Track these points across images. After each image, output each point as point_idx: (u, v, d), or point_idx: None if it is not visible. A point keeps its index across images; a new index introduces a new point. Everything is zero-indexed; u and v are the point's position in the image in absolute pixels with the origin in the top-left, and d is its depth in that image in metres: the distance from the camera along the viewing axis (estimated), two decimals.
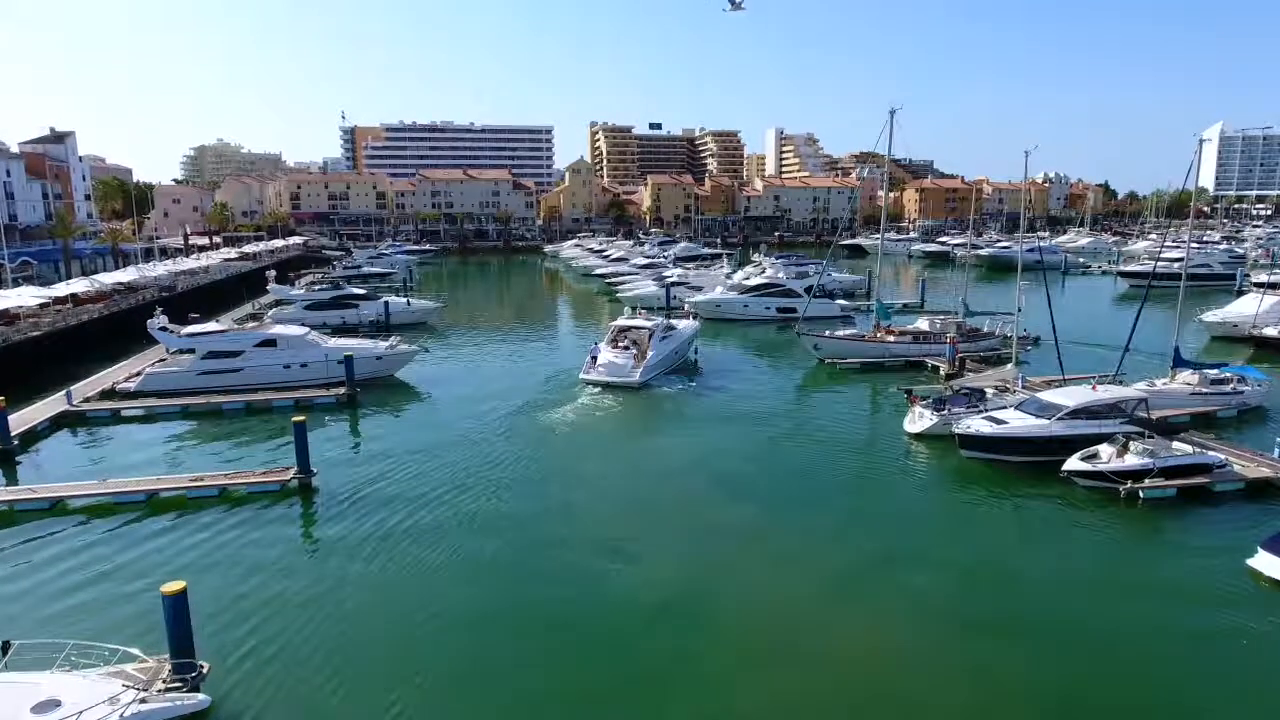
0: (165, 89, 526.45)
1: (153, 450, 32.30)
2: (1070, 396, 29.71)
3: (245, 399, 38.15)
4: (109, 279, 64.65)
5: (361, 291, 66.50)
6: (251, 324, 48.92)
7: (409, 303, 65.60)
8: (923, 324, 50.61)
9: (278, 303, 64.68)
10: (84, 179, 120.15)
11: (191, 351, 41.33)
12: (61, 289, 57.17)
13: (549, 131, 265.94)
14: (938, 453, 30.49)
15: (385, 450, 31.42)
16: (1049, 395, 30.43)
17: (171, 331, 41.70)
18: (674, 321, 49.10)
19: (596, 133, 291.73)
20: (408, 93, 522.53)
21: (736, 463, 30.23)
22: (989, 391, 34.32)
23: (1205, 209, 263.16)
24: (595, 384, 41.09)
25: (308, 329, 44.62)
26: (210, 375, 40.62)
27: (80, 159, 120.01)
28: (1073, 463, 26.47)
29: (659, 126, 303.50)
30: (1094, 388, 30.79)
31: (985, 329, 50.19)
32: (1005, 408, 31.63)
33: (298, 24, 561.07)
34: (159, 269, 74.12)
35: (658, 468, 29.77)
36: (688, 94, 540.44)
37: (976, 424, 29.35)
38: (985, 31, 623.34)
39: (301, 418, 27.25)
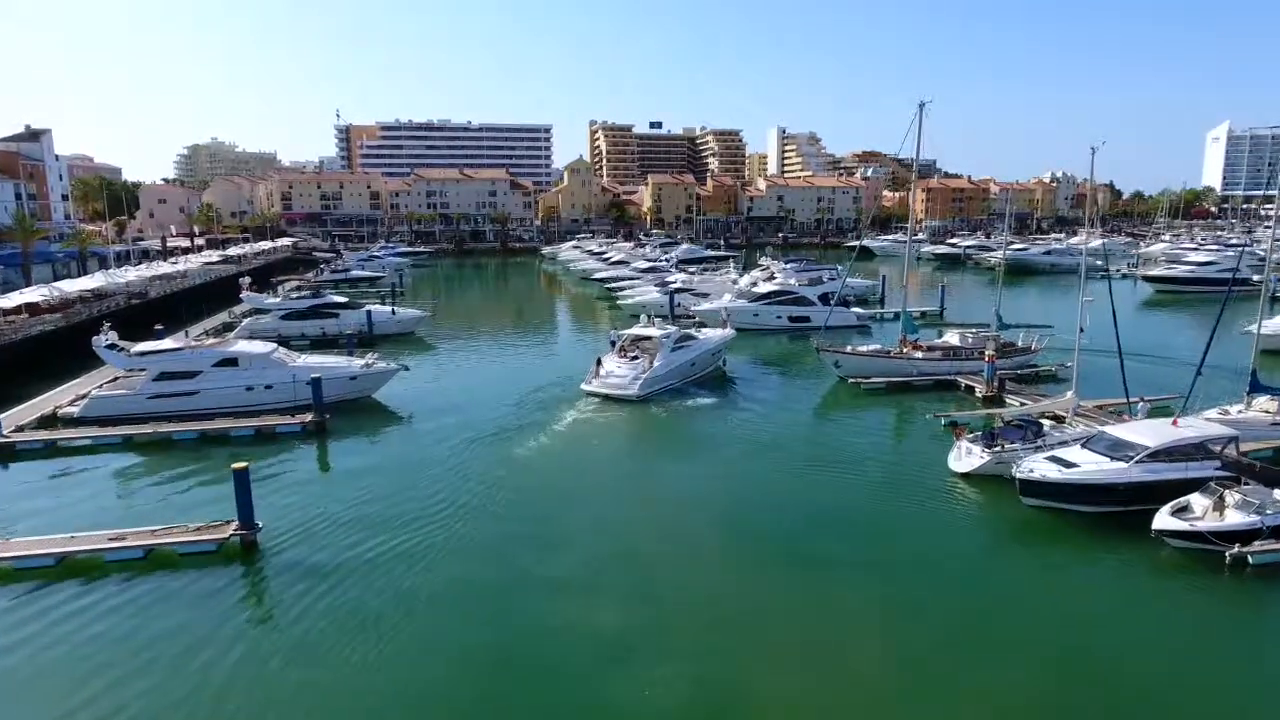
0: (165, 89, 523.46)
1: (86, 492, 28.05)
2: (1150, 434, 25.34)
3: (199, 427, 33.80)
4: (73, 286, 60.13)
5: (343, 300, 61.94)
6: (213, 340, 44.40)
7: (394, 311, 61.25)
8: (952, 338, 46.27)
9: (254, 312, 60.16)
10: (61, 178, 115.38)
11: (143, 371, 37.06)
12: (14, 298, 52.62)
13: (547, 130, 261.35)
14: (992, 498, 26.12)
15: (349, 492, 27.12)
16: (1122, 431, 26.01)
17: (120, 349, 37.31)
18: (697, 330, 45.95)
19: (596, 132, 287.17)
20: (406, 92, 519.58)
21: (754, 508, 26.10)
22: (1045, 423, 30.05)
23: (1213, 209, 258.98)
24: (596, 395, 38.70)
25: (274, 346, 40.16)
26: (163, 399, 36.31)
27: (58, 157, 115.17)
28: (1164, 519, 22.14)
29: (659, 125, 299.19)
30: (1175, 422, 26.42)
31: (1020, 343, 45.84)
32: (1067, 443, 27.40)
33: (297, 24, 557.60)
34: (130, 274, 69.58)
35: (660, 515, 25.36)
36: (688, 93, 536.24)
37: (1041, 467, 25.02)
38: (985, 31, 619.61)
39: (244, 465, 22.86)
